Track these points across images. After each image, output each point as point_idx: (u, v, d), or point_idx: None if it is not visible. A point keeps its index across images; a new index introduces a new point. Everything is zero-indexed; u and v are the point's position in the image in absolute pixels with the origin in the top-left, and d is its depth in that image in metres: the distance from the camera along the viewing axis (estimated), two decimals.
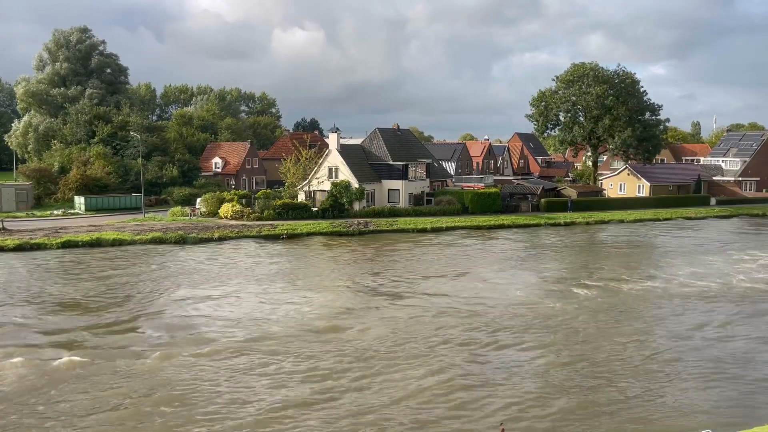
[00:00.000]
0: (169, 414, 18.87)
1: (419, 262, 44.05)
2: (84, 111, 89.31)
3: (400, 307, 31.10)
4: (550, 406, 19.57)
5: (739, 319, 29.31)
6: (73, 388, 20.61)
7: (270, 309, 30.57)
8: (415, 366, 22.70)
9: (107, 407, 19.23)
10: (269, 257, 45.26)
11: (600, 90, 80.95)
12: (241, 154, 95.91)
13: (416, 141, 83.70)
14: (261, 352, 24.17)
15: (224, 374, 21.96)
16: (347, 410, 19.13)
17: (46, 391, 20.34)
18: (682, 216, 72.27)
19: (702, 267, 41.67)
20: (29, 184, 75.12)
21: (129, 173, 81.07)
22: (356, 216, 63.46)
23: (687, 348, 24.99)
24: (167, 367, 22.57)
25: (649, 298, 33.38)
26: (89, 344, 25.15)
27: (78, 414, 18.78)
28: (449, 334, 26.57)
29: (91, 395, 20.09)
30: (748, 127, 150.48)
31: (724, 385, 21.34)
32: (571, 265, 43.26)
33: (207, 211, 65.61)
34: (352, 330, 27.14)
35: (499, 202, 70.51)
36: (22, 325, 27.74)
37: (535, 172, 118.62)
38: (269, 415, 18.74)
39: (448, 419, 18.62)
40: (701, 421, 18.41)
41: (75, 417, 18.55)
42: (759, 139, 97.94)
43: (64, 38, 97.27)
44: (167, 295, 33.19)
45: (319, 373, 22.08)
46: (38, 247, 47.20)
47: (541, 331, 27.00)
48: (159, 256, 45.02)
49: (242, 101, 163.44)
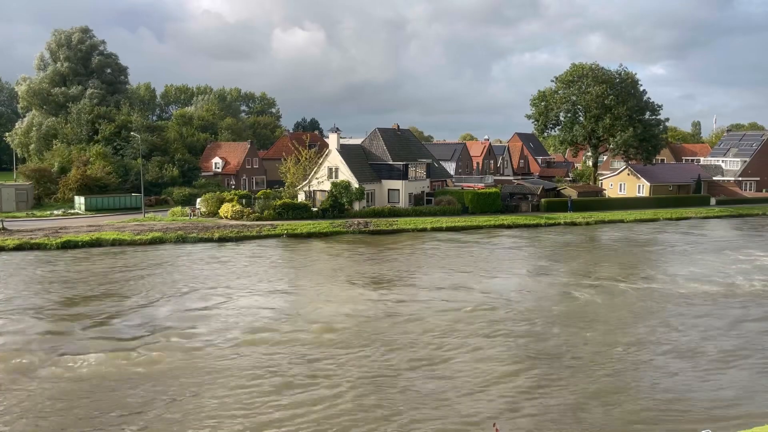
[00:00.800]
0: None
1: (419, 262, 44.03)
2: (85, 110, 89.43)
3: (394, 304, 31.11)
4: (544, 403, 19.60)
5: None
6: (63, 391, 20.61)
7: (271, 309, 30.54)
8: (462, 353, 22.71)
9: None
10: (269, 257, 45.26)
11: (600, 90, 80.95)
12: (241, 154, 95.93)
13: (416, 141, 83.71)
14: (260, 353, 24.18)
15: (225, 375, 21.97)
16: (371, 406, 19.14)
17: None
18: (682, 216, 72.30)
19: (712, 267, 41.70)
20: (29, 184, 75.12)
21: (129, 173, 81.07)
22: (356, 216, 63.46)
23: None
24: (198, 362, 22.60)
25: (656, 298, 33.43)
26: (86, 343, 25.18)
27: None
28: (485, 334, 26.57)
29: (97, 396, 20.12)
30: (749, 127, 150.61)
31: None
32: (578, 264, 43.26)
33: (207, 211, 65.61)
34: (353, 330, 27.18)
35: (499, 202, 70.52)
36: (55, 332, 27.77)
37: (535, 172, 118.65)
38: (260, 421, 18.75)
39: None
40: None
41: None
42: (759, 139, 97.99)
43: (65, 38, 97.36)
44: (168, 296, 33.16)
45: (321, 374, 22.10)
46: (38, 247, 47.22)
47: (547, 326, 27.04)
48: (159, 257, 45.01)
49: (242, 101, 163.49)
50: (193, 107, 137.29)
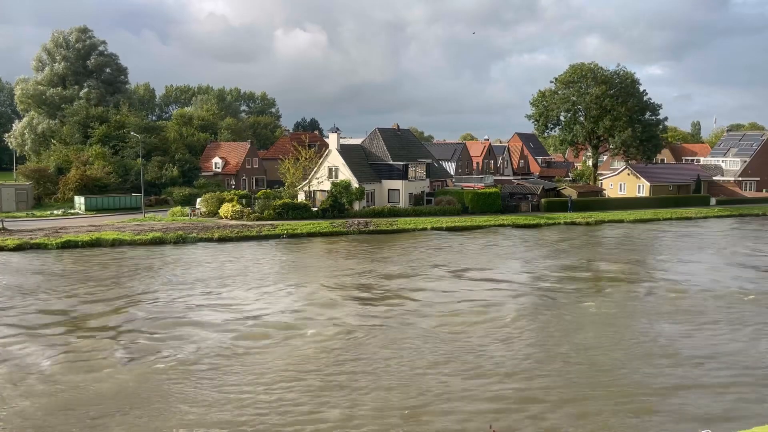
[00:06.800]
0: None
1: (421, 261, 44.00)
2: (78, 112, 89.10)
3: (390, 306, 31.12)
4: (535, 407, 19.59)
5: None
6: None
7: (270, 309, 30.54)
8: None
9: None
10: (269, 257, 45.22)
11: (599, 90, 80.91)
12: (241, 154, 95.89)
13: (416, 141, 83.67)
14: (258, 354, 24.18)
15: (227, 375, 21.97)
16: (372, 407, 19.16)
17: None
18: (682, 216, 72.27)
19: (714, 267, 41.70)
20: (29, 184, 75.05)
21: (129, 173, 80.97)
22: (356, 216, 63.43)
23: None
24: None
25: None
26: (75, 343, 25.19)
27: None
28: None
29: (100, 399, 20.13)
30: (748, 127, 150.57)
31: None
32: (579, 258, 43.27)
33: (207, 211, 65.58)
34: (355, 331, 27.18)
35: (499, 202, 70.46)
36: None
37: (535, 172, 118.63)
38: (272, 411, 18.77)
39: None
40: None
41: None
42: (759, 139, 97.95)
43: (63, 38, 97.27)
44: (167, 296, 33.16)
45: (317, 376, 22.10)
46: (38, 247, 47.18)
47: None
48: (159, 257, 44.97)
49: (242, 101, 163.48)
50: (192, 107, 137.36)
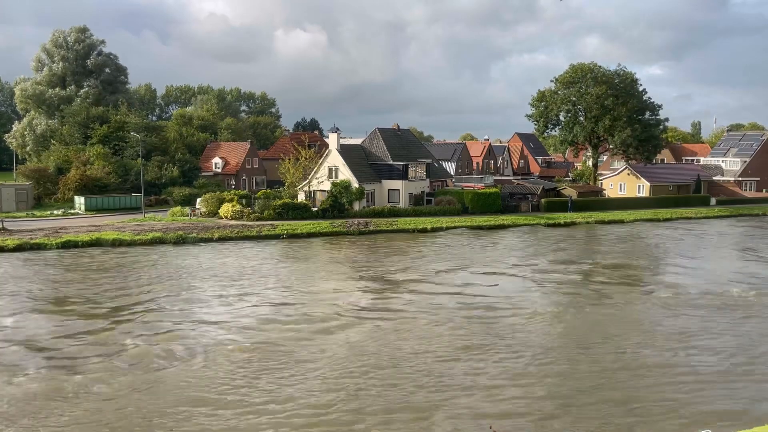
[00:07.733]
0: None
1: (421, 260, 44.01)
2: (79, 112, 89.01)
3: (391, 312, 31.13)
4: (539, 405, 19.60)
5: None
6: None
7: (270, 309, 30.56)
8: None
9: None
10: (269, 257, 45.22)
11: (599, 90, 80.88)
12: (241, 154, 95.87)
13: (416, 141, 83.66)
14: (259, 354, 24.19)
15: (227, 375, 21.98)
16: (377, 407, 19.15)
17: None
18: (681, 216, 72.24)
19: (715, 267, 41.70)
20: (29, 184, 75.04)
21: (129, 173, 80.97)
22: (356, 216, 63.42)
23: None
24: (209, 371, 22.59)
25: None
26: (77, 351, 25.19)
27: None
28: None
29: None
30: (748, 127, 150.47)
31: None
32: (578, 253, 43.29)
33: (207, 211, 65.57)
34: (356, 331, 27.19)
35: (499, 202, 70.44)
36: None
37: (535, 172, 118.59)
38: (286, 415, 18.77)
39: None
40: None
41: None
42: (759, 139, 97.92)
43: (62, 38, 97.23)
44: (167, 296, 33.16)
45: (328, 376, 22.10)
46: (38, 247, 47.17)
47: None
48: (159, 257, 44.97)
49: (242, 101, 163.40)
50: (192, 107, 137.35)
